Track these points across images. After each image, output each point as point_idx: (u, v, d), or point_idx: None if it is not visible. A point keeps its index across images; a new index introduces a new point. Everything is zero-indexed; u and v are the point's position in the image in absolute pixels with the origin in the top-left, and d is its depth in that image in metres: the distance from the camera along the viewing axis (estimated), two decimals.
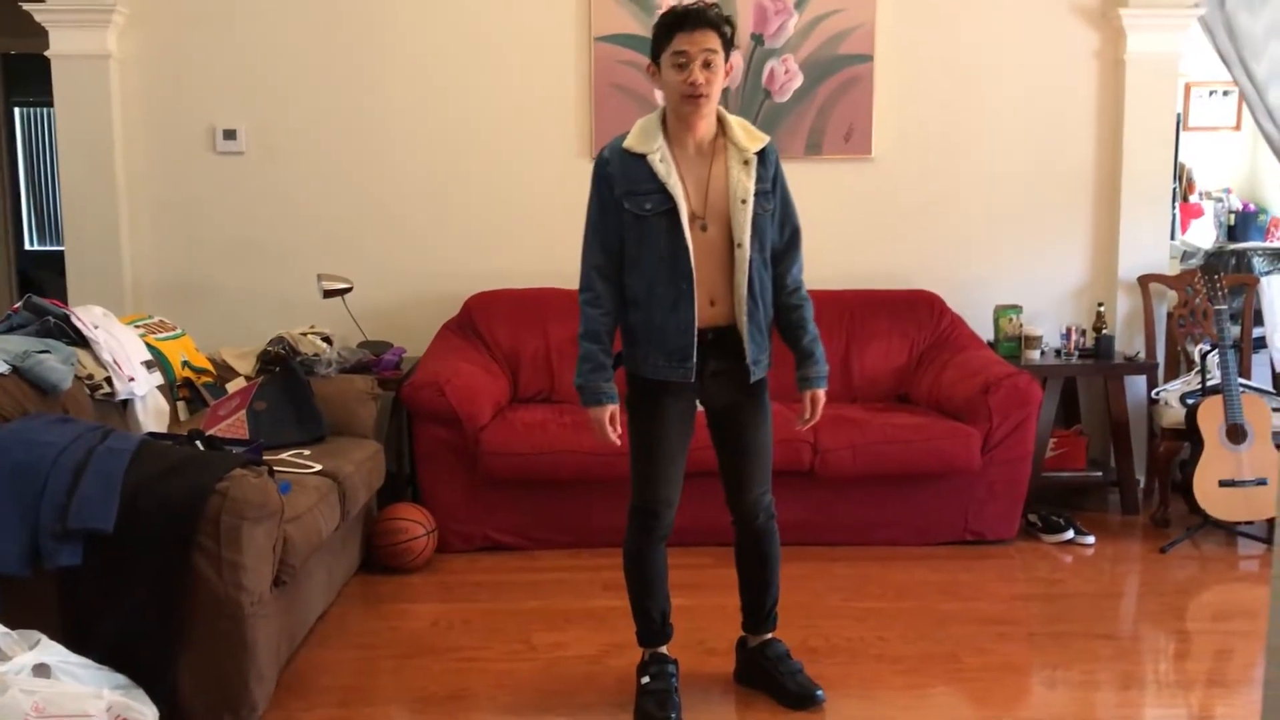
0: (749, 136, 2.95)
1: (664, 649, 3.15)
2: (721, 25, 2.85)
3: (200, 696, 2.89)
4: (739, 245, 2.88)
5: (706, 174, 2.91)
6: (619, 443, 2.98)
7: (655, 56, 2.90)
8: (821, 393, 3.06)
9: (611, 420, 2.95)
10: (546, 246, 4.99)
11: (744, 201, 2.88)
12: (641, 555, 3.08)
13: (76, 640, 2.78)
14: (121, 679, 2.75)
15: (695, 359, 2.91)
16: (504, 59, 5.06)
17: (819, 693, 3.09)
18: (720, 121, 2.95)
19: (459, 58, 5.05)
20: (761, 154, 2.93)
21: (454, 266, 5.11)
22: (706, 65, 2.82)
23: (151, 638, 2.83)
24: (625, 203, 2.88)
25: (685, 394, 2.98)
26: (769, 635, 3.22)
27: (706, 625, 3.61)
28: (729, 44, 2.87)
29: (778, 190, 2.98)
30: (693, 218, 2.88)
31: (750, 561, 3.18)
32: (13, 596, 2.82)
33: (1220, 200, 6.54)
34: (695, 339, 2.90)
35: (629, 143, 2.92)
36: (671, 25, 2.84)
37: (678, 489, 3.03)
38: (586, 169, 3.06)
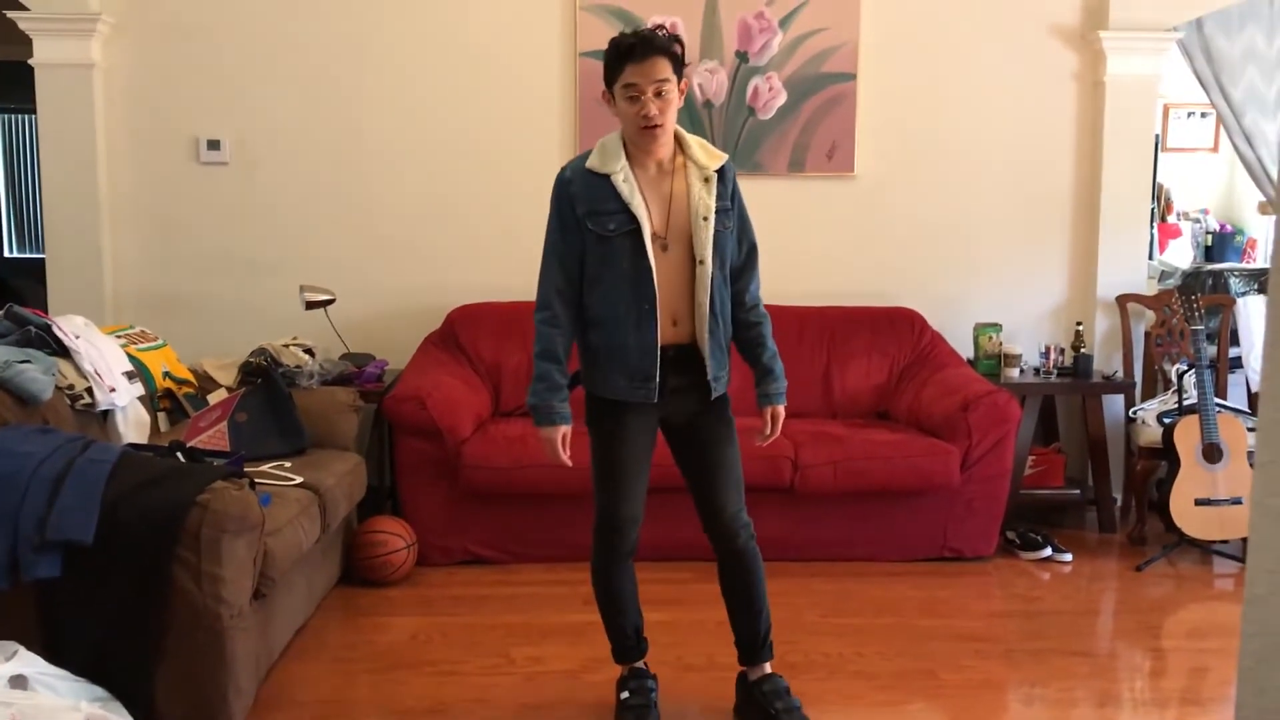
0: (708, 154, 2.95)
1: (642, 664, 3.15)
2: (671, 48, 2.83)
3: (178, 709, 2.88)
4: (701, 262, 2.88)
5: (668, 192, 2.91)
6: (569, 464, 2.95)
7: (608, 85, 2.88)
8: (781, 408, 3.06)
9: (563, 441, 2.94)
10: (529, 260, 4.89)
11: (706, 219, 2.88)
12: (609, 573, 3.07)
13: (54, 652, 2.77)
14: (100, 691, 2.74)
15: (658, 379, 2.90)
16: (489, 73, 5.08)
17: None
18: (678, 140, 2.95)
19: (444, 71, 5.07)
20: (720, 171, 2.94)
21: (437, 279, 5.12)
22: (659, 95, 2.80)
23: (130, 650, 2.82)
24: (588, 223, 2.87)
25: (647, 411, 2.97)
26: (768, 669, 3.14)
27: (684, 640, 3.62)
28: (680, 64, 2.86)
29: (736, 207, 2.98)
30: (654, 237, 2.88)
31: (736, 587, 3.10)
32: None
33: (1198, 221, 6.61)
34: (658, 359, 2.89)
35: (591, 163, 2.90)
36: (622, 56, 2.81)
37: (641, 506, 3.01)
38: None
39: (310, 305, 4.74)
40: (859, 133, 5.14)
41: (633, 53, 2.79)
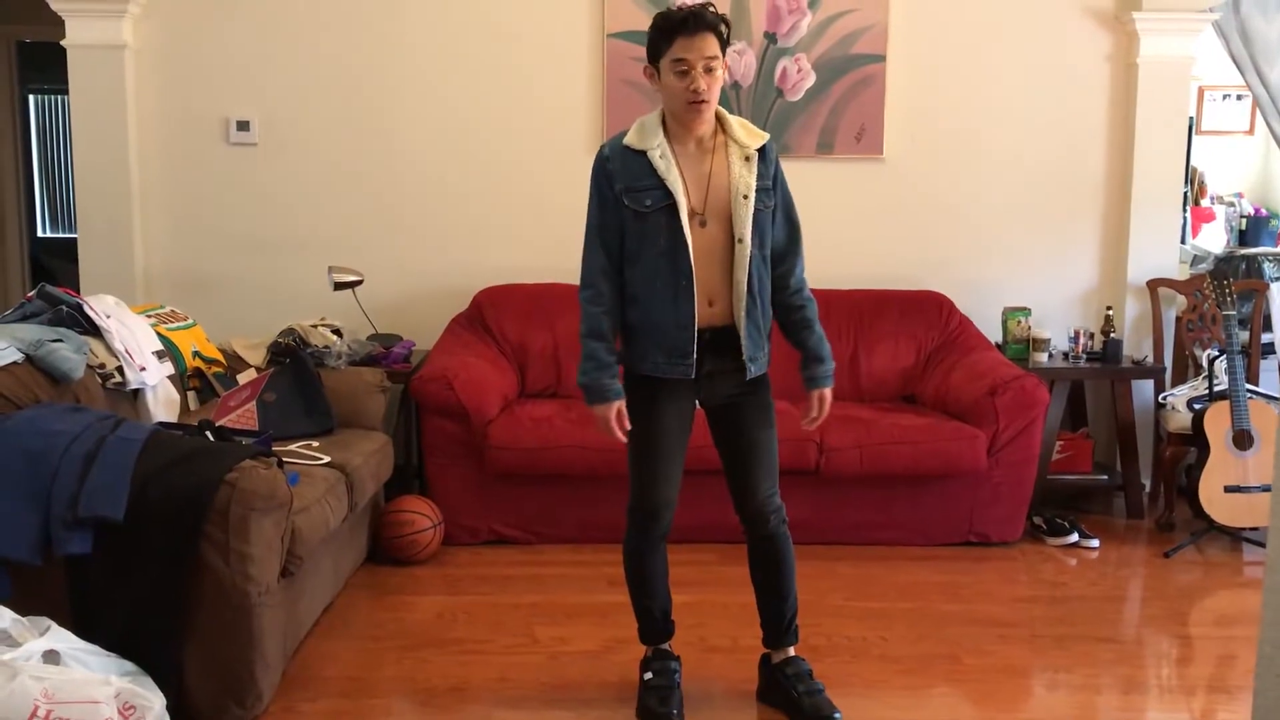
0: (749, 134, 2.95)
1: (667, 645, 3.16)
2: (719, 26, 2.84)
3: (206, 685, 2.91)
4: (739, 240, 2.88)
5: (708, 170, 2.91)
6: (624, 439, 2.94)
7: (653, 59, 2.89)
8: (828, 392, 3.04)
9: (618, 417, 2.92)
10: (556, 242, 4.99)
11: (746, 197, 2.88)
12: (641, 555, 3.07)
13: (85, 627, 2.80)
14: (130, 666, 2.78)
15: (694, 356, 2.90)
16: (517, 55, 5.07)
17: (836, 715, 2.99)
18: (719, 119, 2.95)
19: (472, 52, 5.07)
20: (762, 151, 2.94)
21: (464, 261, 5.13)
22: (708, 71, 2.82)
23: (159, 626, 2.85)
24: (625, 199, 2.88)
25: (683, 393, 2.96)
26: (791, 652, 3.14)
27: (708, 622, 3.63)
28: (725, 43, 2.87)
29: (779, 188, 2.98)
30: (692, 214, 2.88)
31: (765, 570, 3.11)
32: (23, 583, 2.85)
33: (1232, 205, 6.52)
34: (695, 336, 2.89)
35: (629, 139, 2.92)
36: (672, 30, 2.82)
37: (676, 488, 3.01)
38: None
39: (338, 286, 4.77)
40: (888, 115, 5.11)
41: (684, 26, 2.80)
